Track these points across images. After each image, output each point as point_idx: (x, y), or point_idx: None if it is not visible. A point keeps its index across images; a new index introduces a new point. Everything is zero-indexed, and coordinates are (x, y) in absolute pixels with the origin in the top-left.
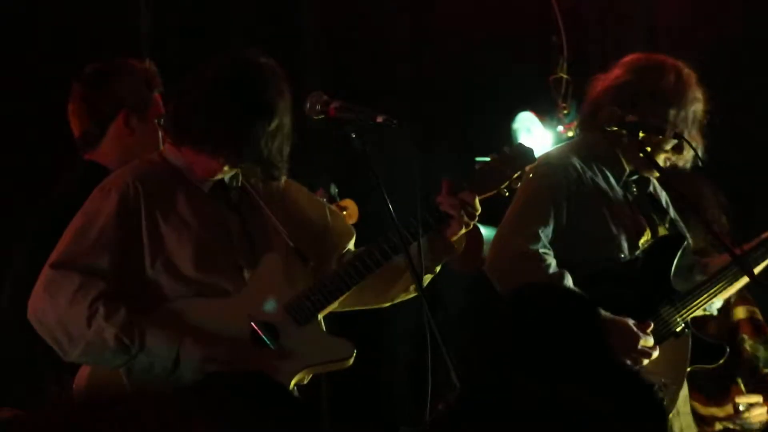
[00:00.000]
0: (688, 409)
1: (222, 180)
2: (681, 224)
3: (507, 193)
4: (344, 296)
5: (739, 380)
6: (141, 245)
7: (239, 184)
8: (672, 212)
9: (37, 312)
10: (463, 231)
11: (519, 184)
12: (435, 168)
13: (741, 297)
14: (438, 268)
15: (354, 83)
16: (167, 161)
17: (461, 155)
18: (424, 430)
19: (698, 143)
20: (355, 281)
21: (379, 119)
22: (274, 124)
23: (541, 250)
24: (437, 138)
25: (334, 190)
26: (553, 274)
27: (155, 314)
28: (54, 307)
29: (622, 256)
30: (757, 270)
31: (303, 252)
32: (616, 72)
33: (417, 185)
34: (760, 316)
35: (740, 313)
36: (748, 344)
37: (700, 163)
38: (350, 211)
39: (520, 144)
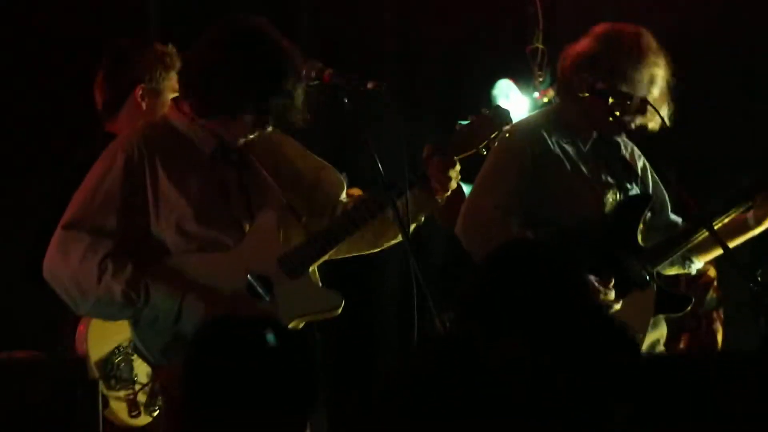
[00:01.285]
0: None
1: (223, 141)
2: (654, 186)
3: (485, 152)
4: (335, 249)
5: None
6: (146, 204)
7: (239, 144)
8: (646, 174)
9: (51, 270)
10: (448, 190)
11: (496, 143)
12: (420, 132)
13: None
14: (422, 219)
15: (342, 53)
16: (170, 124)
17: (444, 120)
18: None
19: (666, 107)
20: (345, 236)
21: (370, 85)
22: (292, 76)
23: (506, 212)
24: (422, 105)
25: (344, 178)
26: (518, 233)
27: (159, 269)
28: (66, 266)
29: (589, 215)
30: (717, 226)
31: (296, 208)
32: (584, 42)
33: (402, 145)
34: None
35: (711, 272)
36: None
37: (666, 124)
38: None
39: (497, 106)
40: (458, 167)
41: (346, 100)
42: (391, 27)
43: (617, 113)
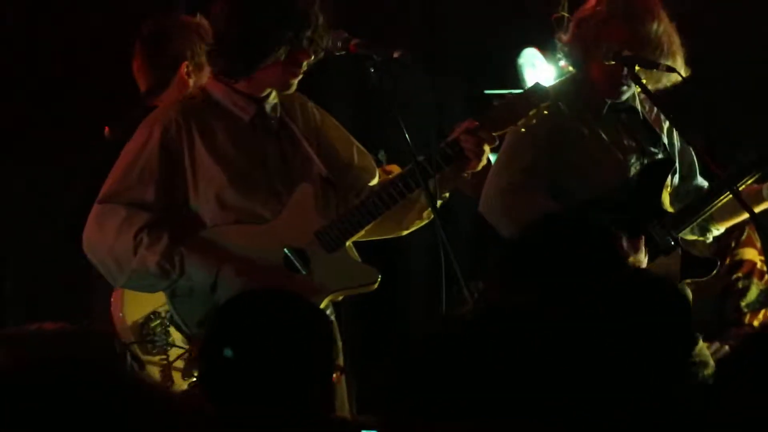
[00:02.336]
0: None
1: (262, 109)
2: (682, 150)
3: (523, 129)
4: (370, 225)
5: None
6: (184, 176)
7: (278, 114)
8: (671, 138)
9: (89, 244)
10: (481, 165)
11: (534, 120)
12: (447, 100)
13: (752, 242)
14: (447, 195)
15: (366, 23)
16: (208, 95)
17: (471, 89)
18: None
19: (681, 58)
20: (381, 210)
21: (396, 55)
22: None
23: (526, 185)
24: (449, 73)
25: (382, 156)
26: (543, 206)
27: (196, 241)
28: (103, 239)
29: (612, 182)
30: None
31: (333, 181)
32: (599, 8)
33: (433, 121)
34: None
35: (749, 254)
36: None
37: (682, 77)
38: None
39: (537, 83)
40: (495, 143)
41: (372, 70)
42: None
43: (643, 80)
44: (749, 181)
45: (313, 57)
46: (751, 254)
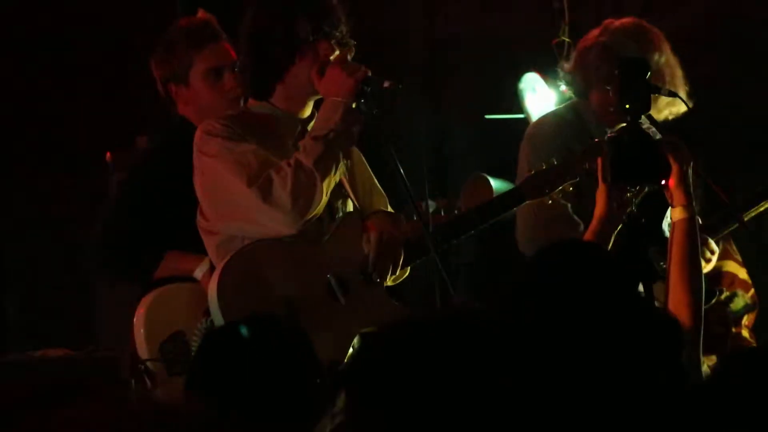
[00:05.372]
0: None
1: (306, 131)
2: None
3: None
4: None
5: None
6: None
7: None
8: None
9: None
10: None
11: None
12: (444, 125)
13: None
14: None
15: (368, 48)
16: (251, 112)
17: (471, 114)
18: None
19: (684, 91)
20: (424, 254)
21: (387, 84)
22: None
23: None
24: (447, 98)
25: (432, 205)
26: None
27: (241, 255)
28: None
29: None
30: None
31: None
32: (601, 37)
33: (433, 146)
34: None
35: (730, 266)
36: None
37: (689, 107)
38: None
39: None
40: None
41: (363, 101)
42: (418, 21)
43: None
44: (756, 212)
45: (337, 49)
46: (730, 266)
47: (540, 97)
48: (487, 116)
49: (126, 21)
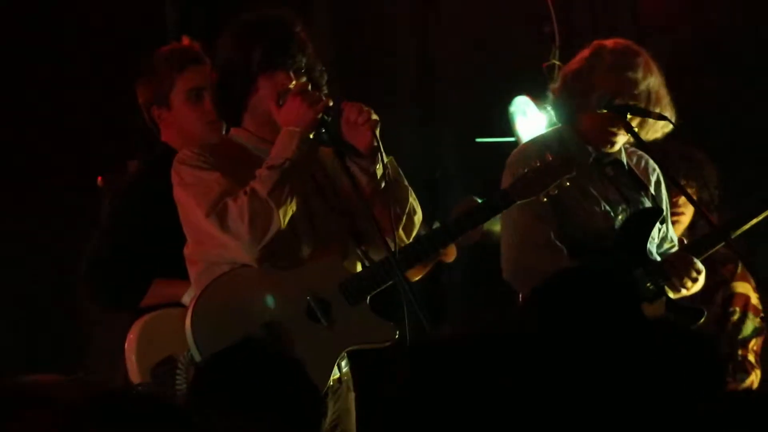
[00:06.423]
0: None
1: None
2: (667, 203)
3: (545, 200)
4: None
5: None
6: None
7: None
8: (659, 188)
9: (233, 247)
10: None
11: (556, 191)
12: (436, 147)
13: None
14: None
15: (359, 73)
16: (231, 141)
17: (462, 137)
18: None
19: (670, 112)
20: (406, 269)
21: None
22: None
23: (539, 237)
24: (438, 120)
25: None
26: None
27: (221, 282)
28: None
29: (599, 232)
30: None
31: (359, 234)
32: (588, 61)
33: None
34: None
35: (742, 287)
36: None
37: (674, 125)
38: None
39: (566, 154)
40: None
41: (324, 131)
42: (409, 45)
43: (635, 129)
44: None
45: (295, 79)
46: (744, 288)
47: (531, 120)
48: (477, 139)
49: (118, 43)
